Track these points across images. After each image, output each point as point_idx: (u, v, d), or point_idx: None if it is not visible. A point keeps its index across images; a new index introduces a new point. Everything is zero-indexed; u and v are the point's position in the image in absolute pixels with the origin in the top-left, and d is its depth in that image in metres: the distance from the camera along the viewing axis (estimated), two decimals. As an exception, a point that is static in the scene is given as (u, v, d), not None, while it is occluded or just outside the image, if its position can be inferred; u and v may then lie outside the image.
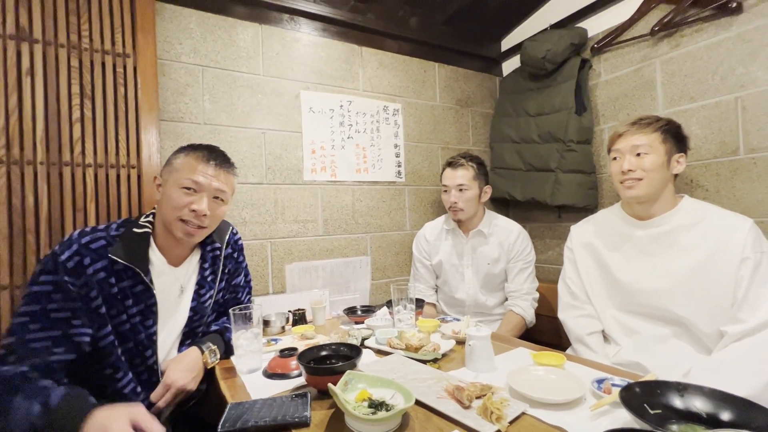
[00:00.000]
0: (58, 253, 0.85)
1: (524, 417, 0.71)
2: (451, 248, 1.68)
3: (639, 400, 0.66)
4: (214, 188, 0.98)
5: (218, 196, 1.00)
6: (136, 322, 0.93)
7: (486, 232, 1.61)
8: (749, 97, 1.31)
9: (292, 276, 1.63)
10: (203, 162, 0.98)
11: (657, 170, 1.07)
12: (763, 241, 0.99)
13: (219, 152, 1.04)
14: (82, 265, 0.86)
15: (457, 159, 1.61)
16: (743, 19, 1.32)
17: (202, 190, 0.97)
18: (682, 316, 1.04)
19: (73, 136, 1.19)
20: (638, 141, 1.08)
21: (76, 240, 0.88)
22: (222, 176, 1.01)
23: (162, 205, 0.98)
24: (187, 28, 1.46)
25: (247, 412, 0.73)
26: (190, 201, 0.95)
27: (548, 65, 1.81)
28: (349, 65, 1.79)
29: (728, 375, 0.91)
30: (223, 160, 1.03)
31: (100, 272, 0.88)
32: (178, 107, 1.44)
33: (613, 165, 1.15)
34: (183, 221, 0.95)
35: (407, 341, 1.04)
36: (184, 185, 0.95)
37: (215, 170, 0.99)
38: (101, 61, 1.24)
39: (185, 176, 0.96)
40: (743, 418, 0.60)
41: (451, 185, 1.59)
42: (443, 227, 1.72)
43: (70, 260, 0.85)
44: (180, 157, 0.99)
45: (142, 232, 0.96)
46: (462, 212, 1.58)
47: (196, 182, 0.96)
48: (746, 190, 1.33)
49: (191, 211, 0.95)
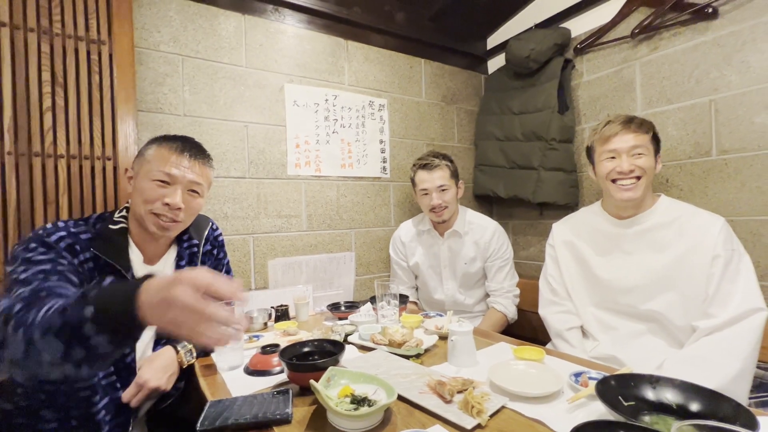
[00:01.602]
0: (44, 235, 0.82)
1: (504, 410, 0.72)
2: (427, 249, 1.68)
3: (614, 392, 0.68)
4: (188, 180, 0.95)
5: (193, 188, 0.97)
6: None
7: (461, 232, 1.61)
8: (722, 100, 1.36)
9: (275, 272, 1.61)
10: (177, 153, 0.94)
11: (651, 170, 1.09)
12: (733, 239, 1.03)
13: (193, 143, 1.00)
14: (74, 249, 0.84)
15: (432, 160, 1.57)
16: (718, 25, 1.36)
17: (175, 183, 0.94)
18: (657, 312, 1.08)
19: (43, 126, 1.14)
20: (637, 141, 1.09)
21: (63, 227, 0.85)
22: (197, 168, 0.97)
23: (134, 198, 0.95)
24: (167, 15, 1.41)
25: (227, 410, 0.72)
26: (163, 194, 0.92)
27: (532, 64, 1.83)
28: (335, 59, 1.77)
29: (699, 368, 0.94)
30: (198, 151, 0.99)
31: (89, 262, 0.86)
32: (156, 97, 1.39)
33: (607, 164, 1.12)
34: (155, 215, 0.92)
35: (390, 337, 1.05)
36: (157, 177, 0.92)
37: (190, 161, 0.96)
38: (74, 47, 1.18)
39: (158, 168, 0.92)
40: (711, 408, 0.62)
41: (431, 188, 1.55)
42: (417, 229, 1.70)
43: (62, 241, 0.83)
44: (152, 148, 0.95)
45: (118, 228, 0.93)
46: (446, 210, 1.57)
47: (169, 174, 0.92)
48: (718, 189, 1.38)
49: (164, 204, 0.92)
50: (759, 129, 1.28)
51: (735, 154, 1.34)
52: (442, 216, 1.58)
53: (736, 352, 0.93)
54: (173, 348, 0.98)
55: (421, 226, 1.70)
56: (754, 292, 0.97)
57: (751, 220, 1.31)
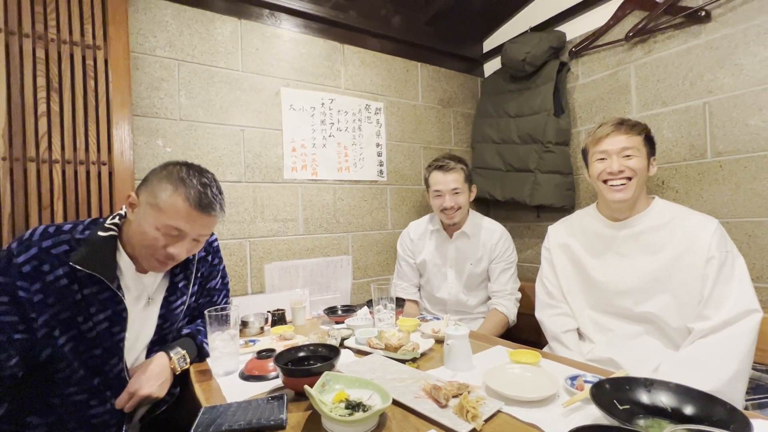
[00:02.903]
0: (15, 253, 0.81)
1: (499, 415, 0.71)
2: (435, 248, 1.69)
3: (608, 396, 0.68)
4: (197, 234, 0.91)
5: (199, 239, 0.93)
6: (102, 329, 0.89)
7: (470, 233, 1.63)
8: (716, 102, 1.37)
9: (272, 276, 1.61)
10: (194, 208, 0.86)
11: (642, 172, 1.09)
12: (727, 240, 1.03)
13: (213, 192, 0.90)
14: (39, 271, 0.82)
15: (447, 162, 1.59)
16: (711, 28, 1.37)
17: (184, 238, 0.89)
18: (653, 314, 1.08)
19: (38, 131, 1.14)
20: (627, 143, 1.09)
21: (36, 243, 0.83)
22: (210, 222, 0.91)
23: (134, 232, 0.89)
24: (162, 20, 1.42)
25: (221, 416, 0.72)
26: (167, 243, 0.87)
27: (528, 67, 1.84)
28: (331, 63, 1.78)
29: (695, 370, 0.95)
30: (212, 204, 0.89)
31: (61, 279, 0.84)
32: (152, 102, 1.39)
33: (598, 165, 1.14)
34: (155, 258, 0.89)
35: (387, 341, 1.04)
36: (165, 231, 0.86)
37: (204, 218, 0.89)
38: (69, 52, 1.18)
39: (169, 221, 0.85)
40: (705, 411, 0.62)
41: (444, 190, 1.56)
42: (428, 227, 1.72)
43: (26, 264, 0.81)
44: (167, 193, 0.85)
45: (107, 236, 0.89)
46: (458, 213, 1.58)
47: (179, 230, 0.87)
48: (712, 192, 1.39)
49: (167, 254, 0.88)
50: (753, 131, 1.29)
51: (729, 156, 1.35)
52: (453, 218, 1.59)
53: (732, 355, 0.93)
54: (166, 354, 0.97)
55: (431, 225, 1.71)
56: (748, 294, 0.97)
57: (746, 221, 1.32)
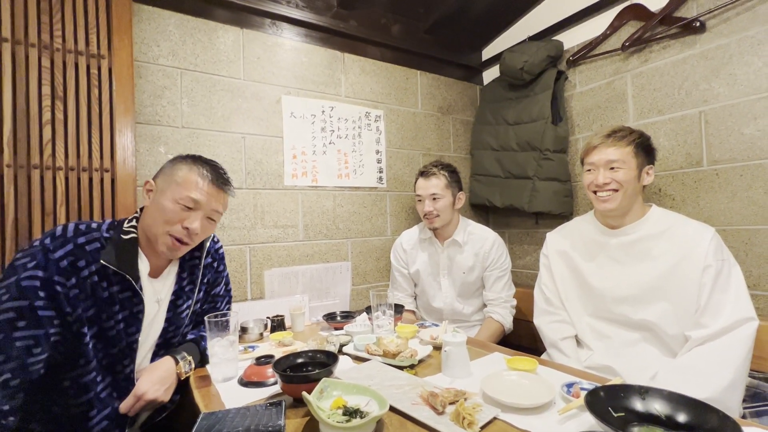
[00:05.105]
0: (50, 249, 0.83)
1: (496, 422, 0.72)
2: (428, 258, 1.70)
3: (603, 404, 0.68)
4: (211, 209, 0.98)
5: (212, 216, 1.00)
6: (120, 328, 0.92)
7: (461, 241, 1.63)
8: (711, 111, 1.38)
9: (272, 282, 1.62)
10: (207, 181, 0.97)
11: (629, 183, 1.10)
12: (724, 249, 1.04)
13: (223, 172, 1.03)
14: (75, 267, 0.85)
15: (429, 168, 1.63)
16: (706, 38, 1.39)
17: (198, 209, 0.96)
18: (650, 322, 1.08)
19: (43, 139, 1.16)
20: (612, 156, 1.11)
21: (72, 239, 0.86)
22: (222, 198, 1.01)
23: (151, 213, 0.95)
24: (166, 30, 1.44)
25: (220, 423, 0.72)
26: (184, 217, 0.94)
27: (526, 76, 1.86)
28: (332, 71, 1.80)
29: (692, 377, 0.95)
30: (225, 181, 1.02)
31: (93, 275, 0.87)
32: (155, 110, 1.41)
33: (587, 176, 1.18)
34: (172, 235, 0.94)
35: (385, 347, 1.05)
36: (183, 202, 0.94)
37: (217, 192, 0.99)
38: (74, 61, 1.21)
39: (186, 193, 0.94)
40: (698, 419, 0.63)
41: (424, 195, 1.60)
42: (419, 237, 1.73)
43: (64, 259, 0.84)
44: (183, 170, 0.96)
45: (129, 238, 0.94)
46: (438, 218, 1.59)
47: (196, 201, 0.95)
48: (709, 199, 1.40)
49: (184, 228, 0.94)
50: (748, 140, 1.31)
51: (725, 165, 1.36)
52: (433, 223, 1.61)
53: (728, 363, 0.93)
54: (173, 359, 0.98)
55: (423, 234, 1.72)
56: (744, 302, 0.98)
57: (743, 229, 1.33)
